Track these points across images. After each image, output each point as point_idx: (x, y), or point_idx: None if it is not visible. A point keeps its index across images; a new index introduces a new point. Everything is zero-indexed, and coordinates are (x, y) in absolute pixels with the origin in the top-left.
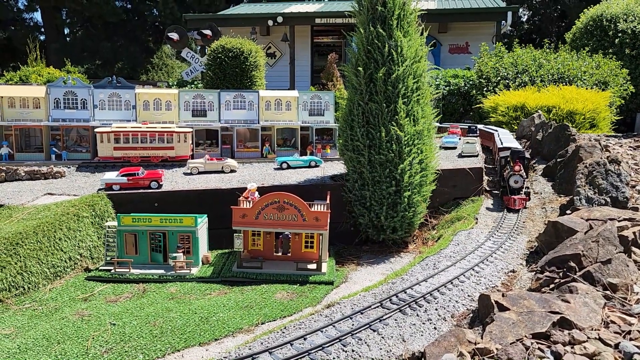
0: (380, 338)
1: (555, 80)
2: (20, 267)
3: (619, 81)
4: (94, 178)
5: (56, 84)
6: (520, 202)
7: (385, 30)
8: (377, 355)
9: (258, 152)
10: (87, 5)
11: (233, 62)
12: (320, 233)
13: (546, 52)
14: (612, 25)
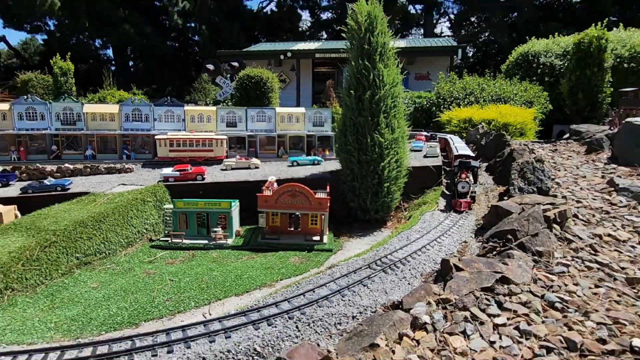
0: (369, 291)
1: (494, 100)
2: (103, 238)
3: (541, 101)
4: (155, 173)
5: (126, 103)
6: (465, 204)
7: (370, 63)
8: (367, 303)
9: (274, 153)
10: (146, 44)
11: (255, 86)
12: (322, 213)
13: (487, 79)
14: (536, 60)
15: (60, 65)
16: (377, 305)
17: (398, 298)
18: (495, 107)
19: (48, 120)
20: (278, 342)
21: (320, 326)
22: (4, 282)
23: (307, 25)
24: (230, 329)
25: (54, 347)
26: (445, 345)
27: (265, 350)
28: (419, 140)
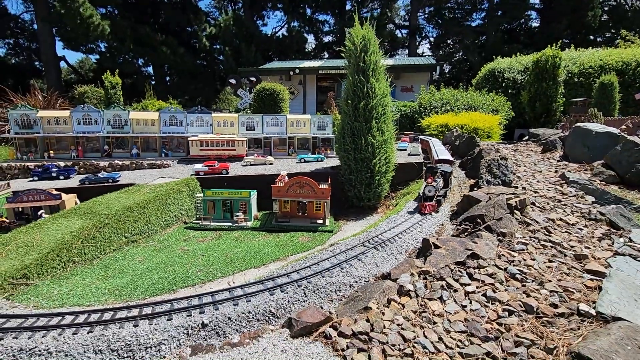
0: (363, 264)
1: (466, 108)
2: (146, 220)
3: (505, 109)
4: (188, 168)
5: (164, 111)
6: (430, 207)
7: (364, 77)
8: (361, 274)
9: (285, 152)
10: (180, 63)
11: (269, 97)
12: (324, 201)
13: (461, 91)
14: (501, 75)
15: (110, 80)
16: (370, 275)
17: (387, 270)
18: (467, 114)
19: (101, 124)
20: (289, 305)
21: (324, 293)
22: (67, 255)
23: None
24: (250, 295)
25: (108, 308)
26: (425, 309)
27: (279, 311)
28: (404, 142)
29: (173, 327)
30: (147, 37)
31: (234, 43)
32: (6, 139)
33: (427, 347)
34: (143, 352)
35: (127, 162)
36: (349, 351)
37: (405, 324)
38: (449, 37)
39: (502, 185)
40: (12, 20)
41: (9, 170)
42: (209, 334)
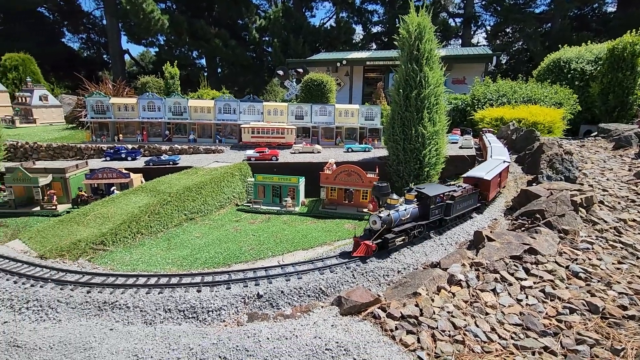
0: (412, 252)
1: (525, 101)
2: (203, 201)
3: (570, 102)
4: (240, 154)
5: (219, 99)
6: (362, 249)
7: (417, 66)
8: (409, 261)
9: (332, 141)
10: (231, 55)
11: (317, 88)
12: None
13: (519, 82)
14: (567, 65)
15: (170, 71)
16: (418, 263)
17: (436, 259)
18: (525, 108)
19: (163, 111)
20: (338, 285)
21: (372, 276)
22: (136, 227)
23: (359, 38)
24: (301, 272)
25: (173, 274)
26: (477, 299)
27: (328, 290)
28: (455, 134)
29: (231, 295)
30: (201, 31)
31: (283, 35)
32: (83, 123)
33: (479, 336)
34: (205, 315)
35: (185, 146)
36: (397, 332)
37: (455, 312)
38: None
39: (565, 181)
40: (85, 17)
41: (86, 151)
42: (263, 304)
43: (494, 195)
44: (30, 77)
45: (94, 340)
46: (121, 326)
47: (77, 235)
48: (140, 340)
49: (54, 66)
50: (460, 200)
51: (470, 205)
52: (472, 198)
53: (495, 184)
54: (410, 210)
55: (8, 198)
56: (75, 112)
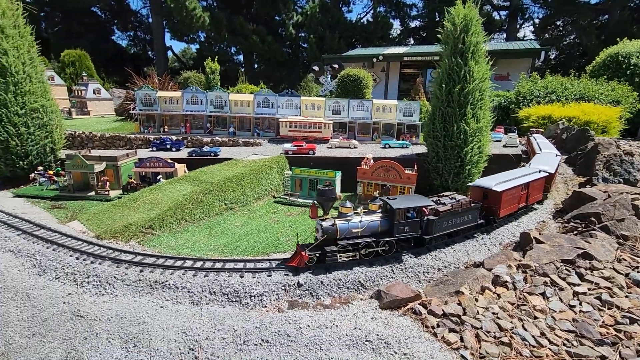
0: (453, 251)
1: (577, 99)
2: (242, 192)
3: (629, 100)
4: (277, 147)
5: (258, 94)
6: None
7: (462, 60)
8: (450, 260)
9: (369, 137)
10: (268, 51)
11: (353, 83)
12: (410, 187)
13: (571, 79)
14: (626, 60)
15: (211, 66)
16: (460, 262)
17: (479, 259)
18: (577, 106)
19: (205, 105)
20: (377, 280)
21: (411, 272)
22: (181, 214)
23: (396, 33)
24: (340, 264)
25: (217, 259)
26: (525, 302)
27: (367, 283)
28: (498, 132)
29: (273, 282)
30: (240, 27)
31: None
32: (131, 115)
33: (528, 340)
34: (248, 299)
35: (225, 139)
36: (439, 329)
37: (501, 314)
38: (559, 18)
39: (624, 184)
40: (132, 15)
41: (135, 141)
42: (303, 293)
43: (509, 212)
44: (86, 72)
45: (147, 315)
46: (170, 305)
47: (128, 219)
48: (188, 319)
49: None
50: (448, 216)
51: (468, 222)
52: (471, 214)
53: (511, 198)
54: (368, 222)
55: (67, 183)
56: (124, 104)
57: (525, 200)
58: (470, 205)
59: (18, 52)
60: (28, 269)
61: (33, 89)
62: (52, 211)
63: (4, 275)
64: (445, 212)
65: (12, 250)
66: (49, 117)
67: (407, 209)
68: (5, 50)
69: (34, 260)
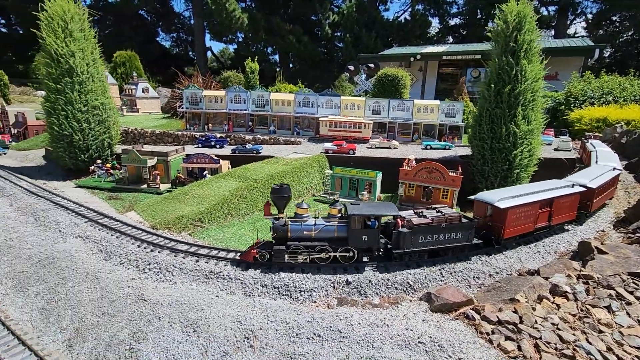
0: (505, 257)
1: (637, 100)
2: None
3: None
4: (317, 146)
5: (299, 93)
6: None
7: (514, 59)
8: (502, 266)
9: (409, 137)
10: (303, 50)
11: (390, 83)
12: (454, 189)
13: (630, 78)
14: None
15: (250, 66)
16: (512, 269)
17: (533, 267)
18: (638, 108)
19: (247, 103)
20: (426, 282)
21: (460, 277)
22: (227, 209)
23: (434, 31)
24: (388, 264)
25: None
26: (587, 315)
27: (416, 285)
28: (548, 135)
29: (322, 279)
30: (277, 27)
31: (355, 30)
32: (177, 113)
33: (593, 354)
34: (298, 294)
35: (266, 137)
36: (495, 336)
37: (561, 325)
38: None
39: None
40: (176, 18)
41: (182, 138)
42: (352, 290)
43: (518, 232)
44: (135, 72)
45: (204, 303)
46: (225, 294)
47: (180, 211)
48: (242, 309)
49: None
50: (426, 232)
51: (456, 240)
52: (461, 232)
53: (522, 217)
54: (323, 227)
55: (123, 175)
56: (170, 103)
57: (547, 219)
58: (460, 221)
59: (83, 53)
60: (96, 253)
61: (95, 87)
62: (110, 201)
63: (75, 258)
64: (420, 225)
65: (81, 236)
66: (108, 114)
67: (367, 216)
68: (72, 52)
69: (101, 246)
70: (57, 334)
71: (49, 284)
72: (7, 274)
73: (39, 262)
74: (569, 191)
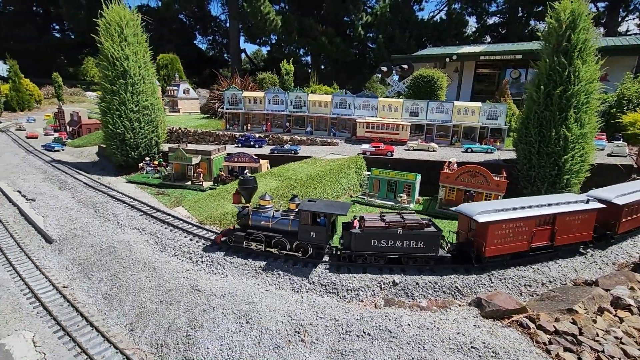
0: (558, 266)
1: None
2: (322, 189)
3: None
4: (354, 147)
5: (336, 94)
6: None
7: (566, 59)
8: (555, 275)
9: (448, 140)
10: (335, 52)
11: (426, 84)
12: (498, 194)
13: None
14: None
15: (286, 67)
16: (567, 279)
17: (590, 278)
18: None
19: (285, 104)
20: (474, 287)
21: (511, 283)
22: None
23: (471, 30)
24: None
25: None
26: None
27: (464, 289)
28: (599, 139)
29: (368, 279)
30: (309, 29)
31: (388, 30)
32: (216, 113)
33: None
34: (344, 292)
35: (303, 137)
36: (553, 347)
37: (625, 339)
38: None
39: None
40: (212, 21)
41: (222, 137)
42: (399, 292)
43: (505, 252)
44: (177, 74)
45: (255, 297)
46: (274, 289)
47: (224, 208)
48: (291, 304)
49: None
50: (380, 236)
51: (417, 250)
52: (423, 241)
53: (509, 233)
54: (279, 219)
55: (169, 172)
56: (210, 103)
57: (549, 238)
58: (422, 230)
59: (136, 57)
60: (152, 245)
61: (145, 89)
62: (158, 197)
63: (133, 248)
64: (371, 228)
65: (137, 228)
66: (156, 114)
67: (315, 213)
68: (127, 56)
69: (156, 238)
70: (120, 318)
71: (111, 271)
72: (73, 261)
73: (101, 250)
74: (580, 207)
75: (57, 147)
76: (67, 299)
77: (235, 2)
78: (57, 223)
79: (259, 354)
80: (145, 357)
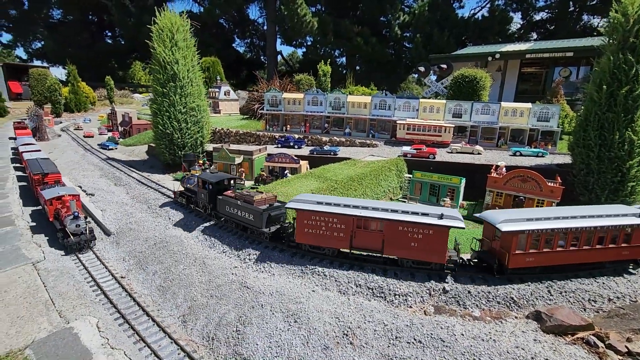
0: (627, 281)
1: None
2: (363, 191)
3: None
4: (393, 149)
5: (376, 95)
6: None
7: (633, 57)
8: (624, 290)
9: (493, 143)
10: (371, 52)
11: (468, 84)
12: (552, 201)
13: None
14: None
15: (323, 69)
16: (637, 295)
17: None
18: None
19: (324, 106)
20: (532, 299)
21: (573, 297)
22: None
23: (515, 27)
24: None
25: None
26: None
27: (521, 301)
28: None
29: (417, 284)
30: (345, 30)
31: (426, 29)
32: (256, 114)
33: None
34: (392, 297)
35: (342, 139)
36: None
37: None
38: None
39: None
40: (250, 24)
41: (263, 138)
42: (449, 300)
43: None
44: (219, 77)
45: (302, 296)
46: (320, 290)
47: None
48: (338, 306)
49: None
50: (230, 203)
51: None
52: (251, 214)
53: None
54: (193, 184)
55: (212, 171)
56: (249, 104)
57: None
58: (251, 204)
59: (185, 60)
60: (201, 241)
61: (192, 91)
62: None
63: (184, 244)
64: (225, 197)
65: (186, 224)
66: (202, 115)
67: (203, 180)
68: (177, 60)
69: (205, 235)
70: (173, 310)
71: (165, 264)
72: (129, 253)
73: (154, 244)
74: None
75: (111, 146)
76: (125, 288)
77: (273, 5)
78: (114, 217)
79: (308, 354)
80: (197, 349)
